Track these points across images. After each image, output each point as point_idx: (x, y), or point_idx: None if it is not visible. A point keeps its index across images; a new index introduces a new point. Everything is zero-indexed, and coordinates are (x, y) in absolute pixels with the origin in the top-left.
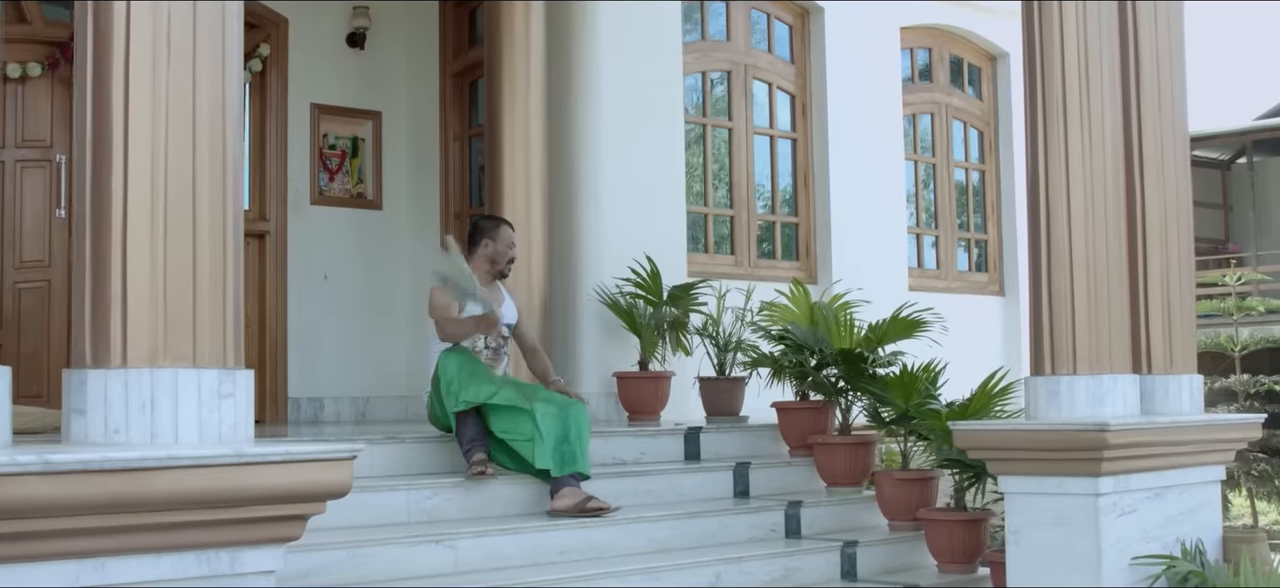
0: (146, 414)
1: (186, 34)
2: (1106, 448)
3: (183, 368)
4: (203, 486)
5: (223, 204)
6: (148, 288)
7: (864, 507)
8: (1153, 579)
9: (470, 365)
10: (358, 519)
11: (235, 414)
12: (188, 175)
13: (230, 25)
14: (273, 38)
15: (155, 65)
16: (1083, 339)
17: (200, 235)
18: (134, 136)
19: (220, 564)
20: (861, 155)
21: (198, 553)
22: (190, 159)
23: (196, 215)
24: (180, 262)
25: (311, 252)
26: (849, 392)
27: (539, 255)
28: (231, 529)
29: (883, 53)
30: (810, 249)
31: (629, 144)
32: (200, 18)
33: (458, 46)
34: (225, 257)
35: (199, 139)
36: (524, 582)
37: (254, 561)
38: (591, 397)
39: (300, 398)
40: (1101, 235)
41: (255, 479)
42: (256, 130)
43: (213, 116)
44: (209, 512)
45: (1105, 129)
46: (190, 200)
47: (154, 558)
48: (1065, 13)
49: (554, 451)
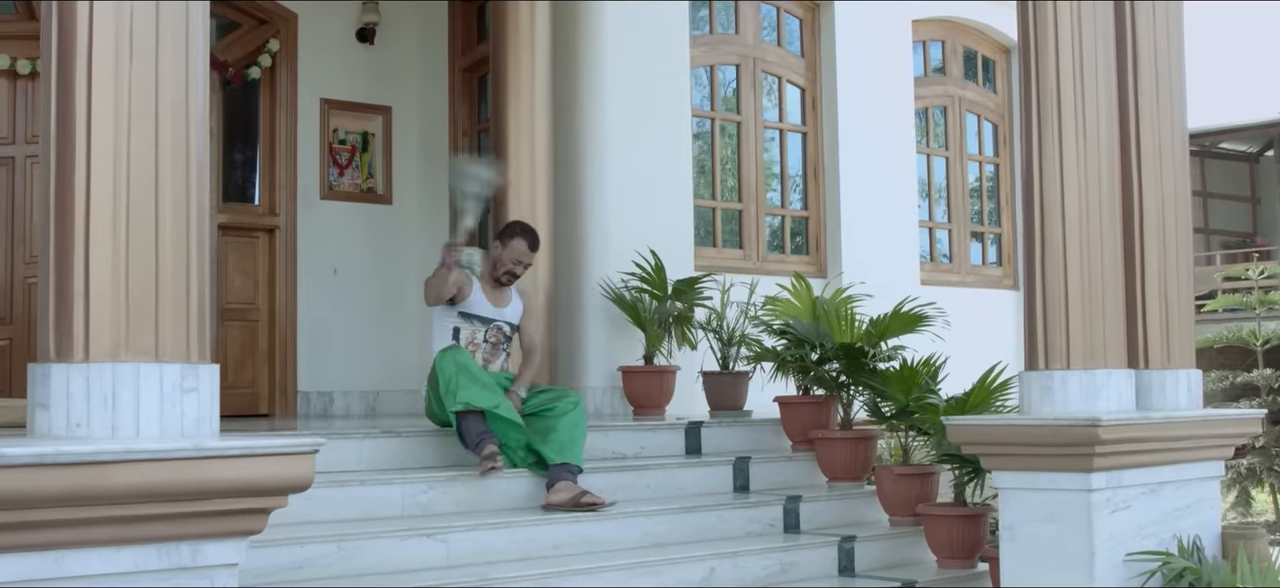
0: (108, 408)
1: (149, 33)
2: (1098, 443)
3: (144, 362)
4: (160, 479)
5: (186, 201)
6: (109, 283)
7: (865, 502)
8: (1148, 576)
9: (467, 367)
10: (351, 513)
11: (198, 408)
12: (150, 173)
13: (194, 24)
14: (282, 33)
15: (118, 64)
16: (1076, 334)
17: (163, 232)
18: (97, 134)
19: (181, 557)
20: (873, 149)
21: (158, 546)
22: (153, 156)
23: (159, 212)
24: (142, 258)
25: (321, 246)
26: (850, 386)
27: (545, 251)
28: (191, 522)
29: (894, 46)
30: (820, 243)
31: (635, 139)
32: (163, 17)
33: (466, 41)
34: (189, 253)
35: (161, 136)
36: (513, 576)
37: (216, 553)
38: (597, 391)
39: (310, 392)
40: (1096, 230)
41: (214, 473)
42: (266, 126)
43: (176, 114)
44: (168, 505)
45: (1100, 125)
46: (153, 197)
47: (113, 551)
48: (1060, 10)
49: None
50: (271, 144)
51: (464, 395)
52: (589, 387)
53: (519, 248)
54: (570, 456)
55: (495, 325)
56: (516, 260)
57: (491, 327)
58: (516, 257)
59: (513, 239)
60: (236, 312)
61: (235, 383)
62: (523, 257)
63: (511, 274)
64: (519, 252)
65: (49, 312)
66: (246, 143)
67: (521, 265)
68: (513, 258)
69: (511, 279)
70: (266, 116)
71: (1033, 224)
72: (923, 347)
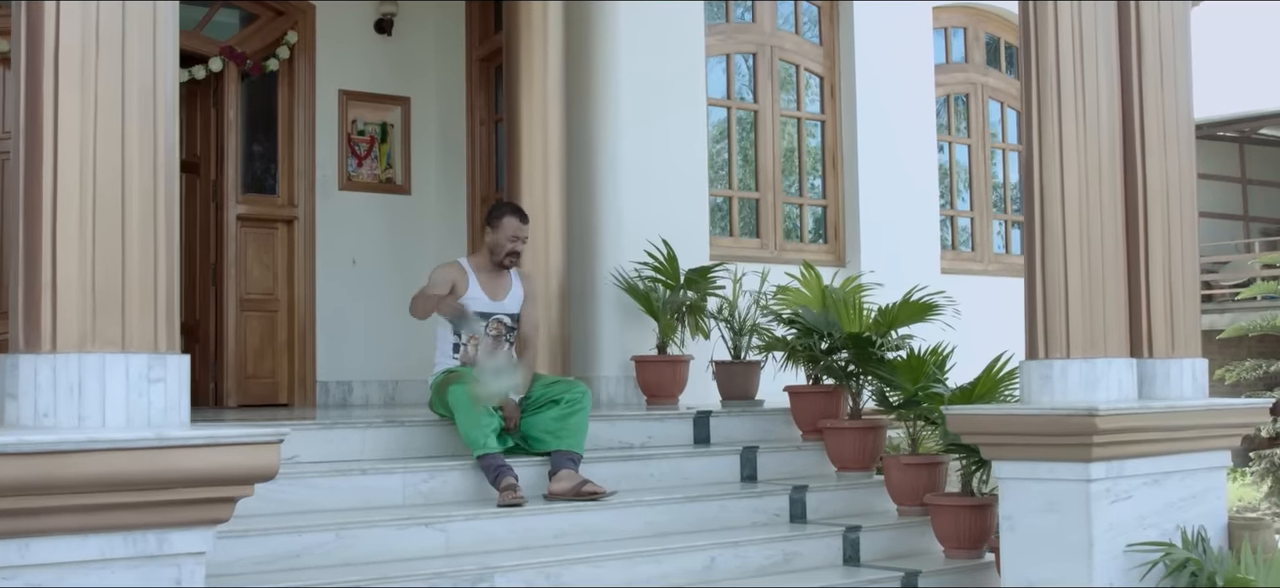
0: (74, 398)
1: (116, 26)
2: (1096, 433)
3: (111, 353)
4: (124, 468)
5: (154, 193)
6: (77, 276)
7: (874, 492)
8: (1149, 567)
9: (472, 406)
10: (352, 502)
11: (165, 398)
12: (117, 165)
13: (161, 16)
14: (300, 25)
15: (84, 57)
16: (1076, 323)
17: (129, 224)
18: (63, 127)
19: (147, 545)
20: (892, 137)
21: (124, 534)
22: (119, 149)
23: (126, 205)
24: (109, 250)
25: (340, 236)
26: (859, 376)
27: (557, 240)
28: (157, 511)
29: (915, 33)
30: (839, 232)
31: (649, 128)
32: (130, 10)
33: (483, 31)
34: (156, 245)
35: (128, 129)
36: (511, 564)
37: (182, 542)
38: (610, 381)
39: (329, 382)
40: (1096, 218)
41: (178, 462)
42: (285, 117)
43: (143, 106)
44: (132, 494)
45: (1101, 111)
46: (119, 190)
47: (79, 539)
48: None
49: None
50: (290, 135)
51: (482, 439)
52: (602, 376)
53: (511, 225)
54: (571, 444)
55: (495, 319)
56: (514, 237)
57: (491, 321)
58: (512, 233)
59: (502, 219)
60: (256, 302)
61: (255, 373)
62: (518, 232)
63: (514, 253)
64: (513, 228)
65: (18, 303)
66: (266, 134)
67: (520, 241)
68: (509, 236)
69: (515, 259)
70: (285, 108)
71: (1032, 212)
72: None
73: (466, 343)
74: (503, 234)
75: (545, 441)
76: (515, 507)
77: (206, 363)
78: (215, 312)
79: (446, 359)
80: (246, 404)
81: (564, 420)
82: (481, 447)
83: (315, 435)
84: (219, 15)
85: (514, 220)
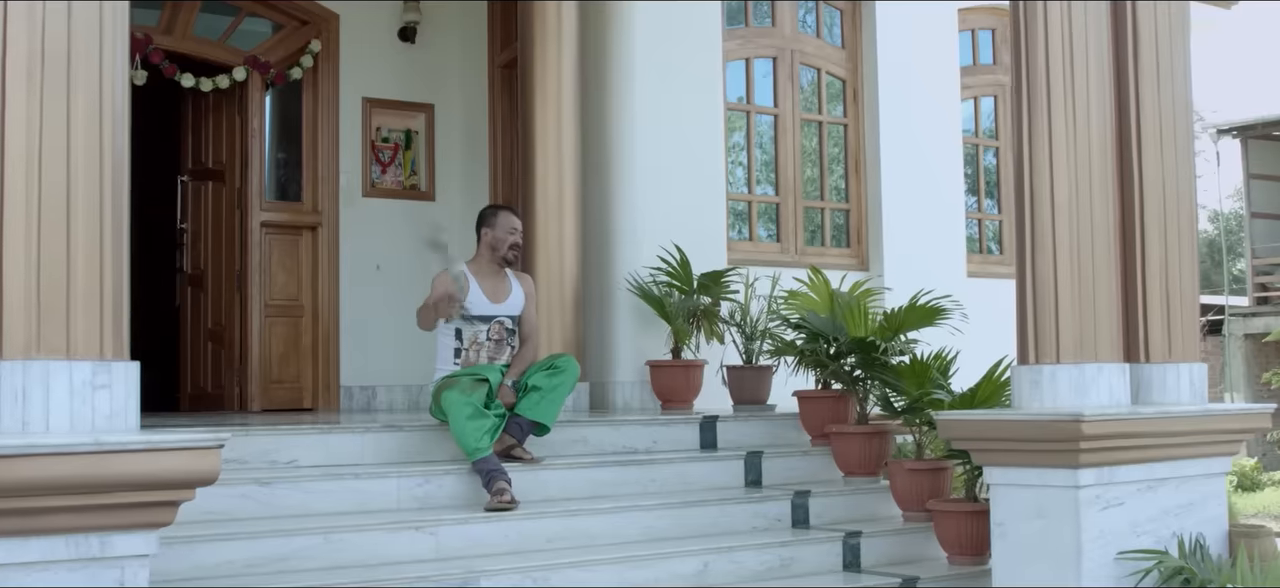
0: (19, 404)
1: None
2: (1082, 439)
3: (55, 360)
4: (64, 473)
5: (100, 203)
6: (21, 285)
7: (880, 497)
8: (1142, 575)
9: (468, 409)
10: (345, 506)
11: (111, 404)
12: (62, 176)
13: (109, 27)
14: (323, 34)
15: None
16: (1066, 327)
17: (75, 233)
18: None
19: (90, 548)
20: (916, 140)
21: (66, 537)
22: (65, 161)
23: (72, 215)
24: (54, 260)
25: (364, 243)
26: (865, 381)
27: (572, 245)
28: (98, 514)
29: (940, 35)
30: (861, 236)
31: (667, 132)
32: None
33: (505, 38)
34: (102, 254)
35: (74, 140)
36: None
37: (125, 545)
38: (626, 385)
39: (353, 387)
40: (1087, 221)
41: (118, 467)
42: (309, 125)
43: (89, 117)
44: (73, 497)
45: (1092, 112)
46: (65, 200)
47: (21, 542)
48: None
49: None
50: (314, 142)
51: (475, 444)
52: (618, 381)
53: (508, 220)
54: (538, 414)
55: (496, 321)
56: (511, 230)
57: (492, 324)
58: (510, 226)
59: (498, 216)
60: (280, 308)
61: (280, 378)
62: (515, 226)
63: (515, 247)
64: (510, 223)
65: None
66: (291, 141)
67: (518, 234)
68: (508, 230)
69: (516, 252)
70: (309, 115)
71: (1022, 215)
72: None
73: (468, 348)
74: (501, 230)
75: (520, 408)
76: (506, 510)
77: (231, 368)
78: (240, 317)
79: (447, 365)
80: (270, 409)
81: (543, 396)
82: (475, 452)
83: (314, 440)
84: (245, 24)
85: (510, 216)
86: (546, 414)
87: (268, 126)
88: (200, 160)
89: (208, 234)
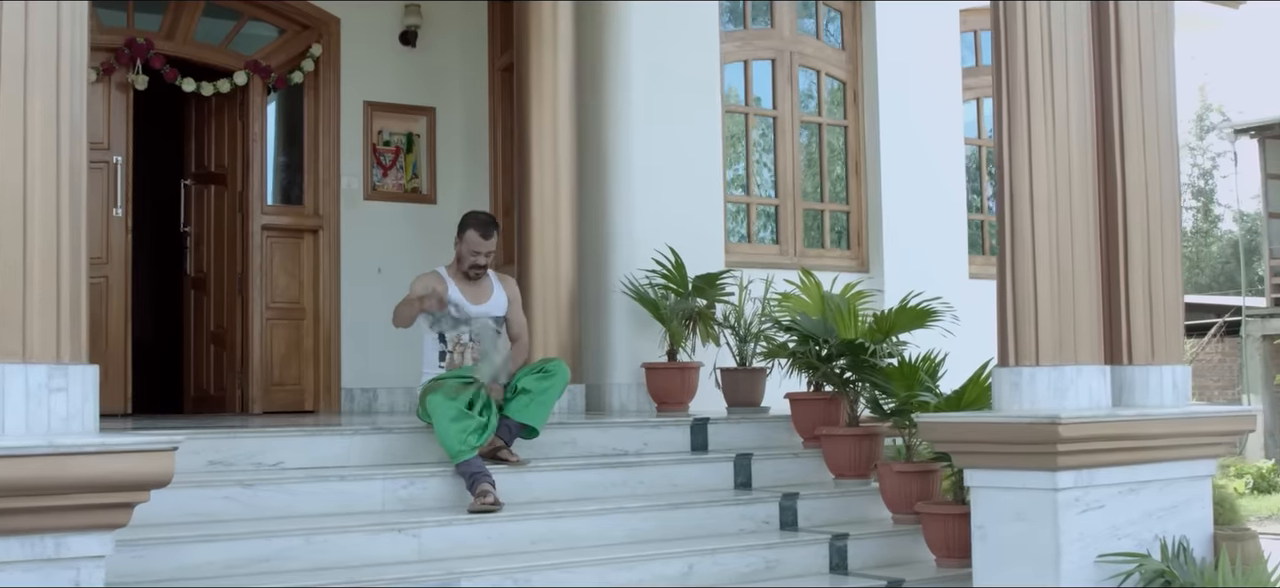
0: None
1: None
2: (1060, 441)
3: (10, 363)
4: (17, 474)
5: (56, 208)
6: None
7: (869, 499)
8: (1123, 577)
9: (452, 411)
10: (330, 508)
11: (67, 407)
12: (18, 182)
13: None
14: (324, 38)
15: None
16: (1046, 329)
17: (31, 237)
18: None
19: (45, 549)
20: (917, 142)
21: (21, 538)
22: (21, 165)
23: (27, 220)
24: (9, 264)
25: (365, 246)
26: (856, 383)
27: (568, 248)
28: (53, 516)
29: (941, 36)
30: (861, 238)
31: (663, 134)
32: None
33: (505, 42)
34: (59, 259)
35: (31, 145)
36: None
37: (80, 546)
38: (622, 388)
39: (354, 389)
40: (1067, 222)
41: (71, 469)
42: (310, 128)
43: (46, 122)
44: (26, 499)
45: (1072, 113)
46: (20, 204)
47: None
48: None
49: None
50: (316, 146)
51: (458, 446)
52: (614, 383)
53: (472, 240)
54: (527, 417)
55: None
56: (474, 252)
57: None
58: (473, 248)
59: (465, 232)
60: (282, 310)
61: (281, 380)
62: (479, 247)
63: (476, 266)
64: (474, 243)
65: None
66: (292, 145)
67: (483, 255)
68: (470, 250)
69: (479, 271)
70: (311, 119)
71: (1003, 216)
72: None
73: (452, 350)
74: (465, 247)
75: (515, 413)
76: (489, 511)
77: (233, 370)
78: (242, 320)
79: (432, 367)
80: (271, 411)
81: (533, 398)
82: (459, 454)
83: (301, 442)
84: (246, 28)
85: (474, 235)
86: (535, 417)
87: (269, 130)
88: (203, 164)
89: (210, 237)
